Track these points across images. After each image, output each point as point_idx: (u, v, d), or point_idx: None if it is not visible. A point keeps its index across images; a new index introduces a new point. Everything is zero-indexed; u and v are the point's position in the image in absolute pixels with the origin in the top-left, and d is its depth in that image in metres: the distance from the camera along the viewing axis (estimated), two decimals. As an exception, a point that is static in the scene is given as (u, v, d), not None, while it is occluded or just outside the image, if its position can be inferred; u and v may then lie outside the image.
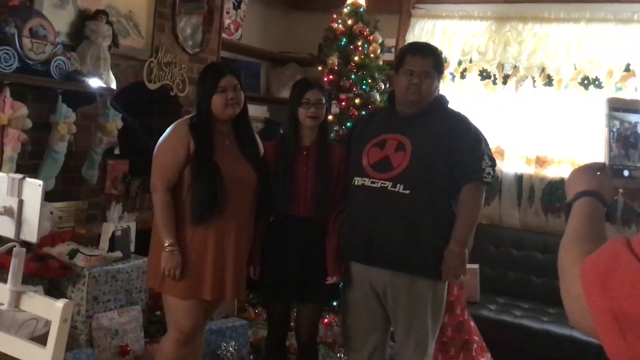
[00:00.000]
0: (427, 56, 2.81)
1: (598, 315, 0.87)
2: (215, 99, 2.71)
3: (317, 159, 2.87)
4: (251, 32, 5.23)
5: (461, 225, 2.72)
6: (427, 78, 2.77)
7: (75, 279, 3.09)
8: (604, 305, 0.86)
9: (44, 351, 1.72)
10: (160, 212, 2.70)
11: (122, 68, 3.71)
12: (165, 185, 2.71)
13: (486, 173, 2.71)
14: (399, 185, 2.71)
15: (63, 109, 3.16)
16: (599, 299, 0.87)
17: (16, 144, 2.94)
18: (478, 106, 4.72)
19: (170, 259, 2.66)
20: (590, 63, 4.48)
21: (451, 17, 4.92)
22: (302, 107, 2.84)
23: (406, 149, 2.74)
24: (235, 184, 2.74)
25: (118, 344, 3.18)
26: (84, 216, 3.56)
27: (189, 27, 4.24)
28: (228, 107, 2.72)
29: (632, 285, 0.83)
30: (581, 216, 1.08)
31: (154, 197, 2.75)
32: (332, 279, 2.85)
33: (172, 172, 2.71)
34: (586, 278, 0.89)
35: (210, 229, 2.71)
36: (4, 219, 1.83)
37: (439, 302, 2.82)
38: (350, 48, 4.38)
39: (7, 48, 2.86)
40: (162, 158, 2.75)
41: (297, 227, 2.86)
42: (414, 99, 2.77)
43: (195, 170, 2.70)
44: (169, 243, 2.67)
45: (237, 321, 3.72)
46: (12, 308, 1.84)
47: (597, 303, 0.87)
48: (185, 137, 2.72)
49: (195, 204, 2.69)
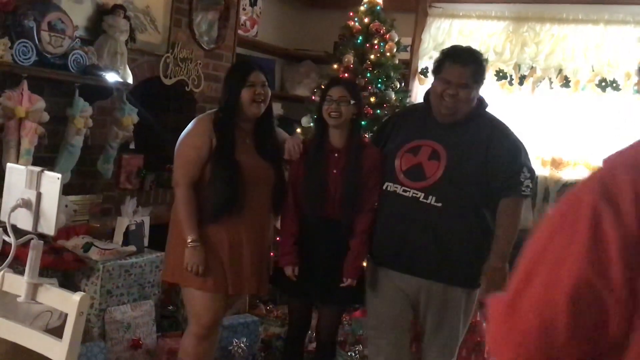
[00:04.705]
0: (467, 65, 2.62)
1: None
2: (243, 93, 2.71)
3: (347, 161, 2.77)
4: (267, 28, 5.23)
5: (501, 240, 2.60)
6: (464, 89, 2.61)
7: (89, 273, 3.11)
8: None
9: (60, 344, 1.73)
10: (184, 208, 2.71)
11: (139, 63, 3.72)
12: (188, 181, 2.71)
13: (525, 186, 2.60)
14: (430, 197, 2.61)
15: (80, 102, 3.17)
16: None
17: (33, 137, 2.95)
18: (494, 107, 4.68)
19: (194, 255, 2.66)
20: (608, 65, 4.43)
21: (468, 17, 4.89)
22: (324, 104, 2.78)
23: (440, 158, 2.64)
24: (254, 182, 2.75)
25: (130, 337, 3.19)
26: (98, 210, 3.57)
27: (205, 23, 4.25)
28: (254, 104, 2.73)
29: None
30: None
31: (177, 193, 2.76)
32: (347, 281, 2.77)
33: (194, 169, 2.72)
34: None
35: (229, 226, 2.72)
36: (22, 211, 1.84)
37: (470, 308, 2.76)
38: (366, 46, 4.37)
39: (26, 41, 2.88)
40: (184, 154, 2.75)
41: (325, 228, 2.80)
42: (447, 112, 2.65)
43: (215, 167, 2.70)
44: (192, 239, 2.67)
45: (249, 317, 3.72)
46: (29, 300, 1.85)
47: None
48: (208, 133, 2.72)
49: (215, 201, 2.70)
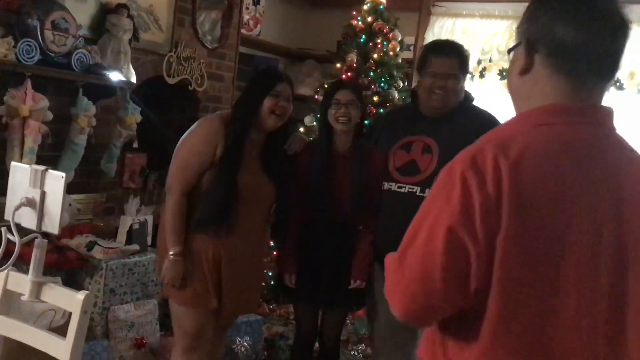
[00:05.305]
0: (451, 56, 2.66)
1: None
2: (265, 101, 2.51)
3: (352, 166, 2.73)
4: (270, 28, 5.23)
5: None
6: (451, 80, 2.64)
7: (93, 271, 3.11)
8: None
9: (64, 342, 1.74)
10: (172, 217, 2.49)
11: (142, 62, 3.72)
12: (183, 188, 2.49)
13: None
14: (427, 190, 2.59)
15: (83, 101, 3.18)
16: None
17: (37, 136, 2.95)
18: (497, 106, 4.67)
19: (173, 269, 2.48)
20: (611, 64, 4.42)
21: (471, 16, 4.89)
22: (331, 108, 2.69)
23: (433, 151, 2.65)
24: (252, 202, 2.57)
25: (134, 336, 3.20)
26: (102, 209, 3.58)
27: (208, 22, 4.25)
28: (272, 116, 2.53)
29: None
30: None
31: (168, 200, 2.53)
32: (355, 282, 2.76)
33: (193, 175, 2.49)
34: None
35: (217, 241, 2.52)
36: (26, 210, 1.84)
37: None
38: (369, 45, 4.36)
39: (29, 40, 2.88)
40: (184, 158, 2.51)
41: (330, 232, 2.78)
42: (438, 105, 2.67)
43: (214, 181, 2.48)
44: (174, 252, 2.48)
45: (252, 316, 3.72)
46: (33, 299, 1.86)
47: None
48: (214, 138, 2.48)
49: (203, 215, 2.49)
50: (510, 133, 1.20)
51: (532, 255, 1.11)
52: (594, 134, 1.19)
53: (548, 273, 1.12)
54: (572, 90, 1.19)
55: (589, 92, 1.20)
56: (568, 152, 1.15)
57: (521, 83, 1.27)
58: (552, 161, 1.14)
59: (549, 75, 1.21)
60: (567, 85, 1.19)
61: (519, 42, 1.28)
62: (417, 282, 1.17)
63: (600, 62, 1.19)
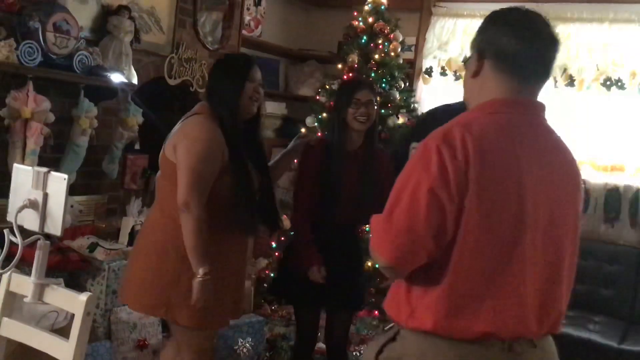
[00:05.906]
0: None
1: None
2: (246, 88, 2.41)
3: (363, 166, 2.74)
4: (271, 29, 5.24)
5: None
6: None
7: (95, 273, 3.11)
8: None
9: (66, 344, 1.74)
10: (195, 236, 2.27)
11: (144, 64, 3.73)
12: (203, 202, 2.30)
13: None
14: None
15: (85, 103, 3.18)
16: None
17: (38, 138, 2.96)
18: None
19: (206, 289, 2.28)
20: (613, 64, 4.42)
21: (472, 16, 4.87)
22: (351, 107, 2.71)
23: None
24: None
25: (136, 337, 3.20)
26: (103, 210, 3.58)
27: (210, 24, 4.25)
28: (254, 102, 2.46)
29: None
30: None
31: (187, 219, 2.27)
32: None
33: (207, 186, 2.32)
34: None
35: (233, 245, 2.48)
36: (28, 211, 1.85)
37: None
38: (371, 46, 4.37)
39: (31, 42, 2.88)
40: (199, 170, 2.30)
41: (339, 233, 2.79)
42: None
43: (235, 179, 2.39)
44: (204, 272, 2.27)
45: (254, 317, 3.72)
46: (35, 300, 1.86)
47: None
48: (222, 143, 2.37)
49: (245, 216, 2.42)
50: (471, 118, 1.52)
51: (491, 207, 1.43)
52: (532, 121, 1.55)
53: (503, 221, 1.44)
54: (513, 88, 1.52)
55: (526, 90, 1.53)
56: (513, 132, 1.49)
57: (473, 83, 1.57)
58: (503, 138, 1.47)
59: (495, 76, 1.53)
60: (509, 84, 1.52)
61: (472, 53, 1.58)
62: (403, 232, 1.44)
63: (535, 66, 1.52)
